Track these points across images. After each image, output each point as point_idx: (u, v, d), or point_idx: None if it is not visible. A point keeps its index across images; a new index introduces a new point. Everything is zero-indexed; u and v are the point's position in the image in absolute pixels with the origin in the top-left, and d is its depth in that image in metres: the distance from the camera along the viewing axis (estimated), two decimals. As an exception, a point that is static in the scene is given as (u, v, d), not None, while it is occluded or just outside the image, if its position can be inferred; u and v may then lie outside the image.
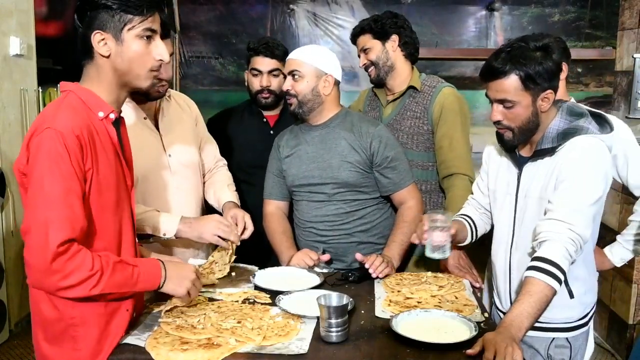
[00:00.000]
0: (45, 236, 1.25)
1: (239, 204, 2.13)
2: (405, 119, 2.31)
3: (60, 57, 3.95)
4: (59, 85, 3.65)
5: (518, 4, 4.72)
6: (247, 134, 2.55)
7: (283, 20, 4.93)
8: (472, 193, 2.04)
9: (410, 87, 2.32)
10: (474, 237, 2.00)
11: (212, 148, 2.27)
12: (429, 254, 1.81)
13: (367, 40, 2.34)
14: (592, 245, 1.77)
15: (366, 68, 2.37)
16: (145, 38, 1.41)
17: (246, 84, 2.57)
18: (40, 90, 3.64)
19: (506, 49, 1.62)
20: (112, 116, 1.42)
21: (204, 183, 2.21)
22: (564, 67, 1.84)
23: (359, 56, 2.40)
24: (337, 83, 2.11)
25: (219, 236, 1.92)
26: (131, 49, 1.40)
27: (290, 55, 2.12)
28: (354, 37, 2.39)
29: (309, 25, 4.91)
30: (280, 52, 2.45)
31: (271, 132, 2.54)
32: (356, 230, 2.13)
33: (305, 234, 2.17)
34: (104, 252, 1.37)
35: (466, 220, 1.99)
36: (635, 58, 3.60)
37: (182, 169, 2.06)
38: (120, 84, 1.43)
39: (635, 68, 3.58)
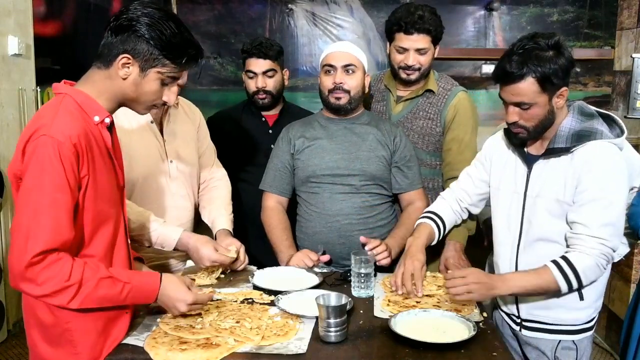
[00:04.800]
0: (24, 244, 1.24)
1: (231, 229, 2.10)
2: (418, 119, 2.28)
3: (59, 57, 3.95)
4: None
5: (517, 3, 4.73)
6: (246, 133, 2.55)
7: (282, 20, 4.93)
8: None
9: (427, 90, 2.29)
10: (441, 235, 1.99)
11: (210, 156, 2.26)
12: (355, 293, 1.80)
13: (426, 42, 2.19)
14: None
15: (405, 67, 2.22)
16: (165, 83, 1.42)
17: (243, 85, 2.57)
18: (39, 89, 3.64)
19: (517, 50, 1.59)
20: (107, 120, 1.41)
21: (199, 191, 2.21)
22: None
23: (399, 50, 2.21)
24: None
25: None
26: (148, 86, 1.40)
27: (340, 49, 2.11)
28: (414, 30, 2.16)
29: (308, 25, 4.92)
30: (274, 52, 2.44)
31: (270, 131, 2.54)
32: (377, 225, 2.13)
33: (326, 231, 2.10)
34: (95, 262, 1.35)
35: (434, 222, 1.97)
36: (633, 58, 3.61)
37: (180, 176, 2.06)
38: (121, 101, 1.43)
39: (633, 68, 3.59)
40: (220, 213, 2.13)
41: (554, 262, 1.60)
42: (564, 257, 1.60)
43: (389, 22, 2.24)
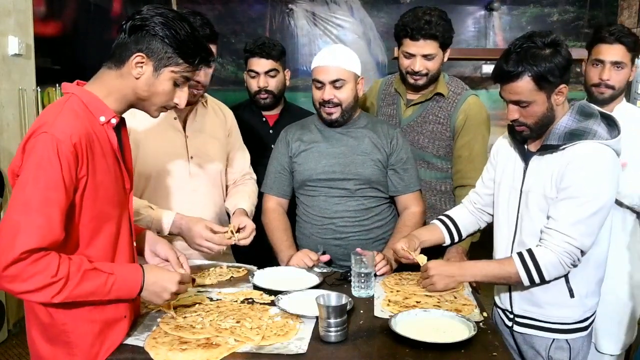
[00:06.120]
0: (12, 240, 1.21)
1: (250, 213, 2.10)
2: (428, 123, 2.27)
3: (59, 57, 3.95)
4: (60, 85, 3.67)
5: (517, 3, 4.73)
6: (247, 133, 2.55)
7: (282, 20, 4.93)
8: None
9: (436, 94, 2.27)
10: (456, 237, 2.01)
11: (242, 160, 2.25)
12: (355, 293, 1.80)
13: (433, 47, 2.15)
14: (605, 249, 1.75)
15: (412, 73, 2.20)
16: (177, 83, 1.43)
17: (245, 85, 2.57)
18: (39, 89, 3.64)
19: (515, 49, 1.62)
20: (114, 121, 1.41)
21: (226, 192, 2.20)
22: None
23: (406, 55, 2.19)
24: None
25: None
26: (161, 86, 1.40)
27: (328, 63, 2.04)
28: (420, 36, 2.12)
29: (308, 25, 4.92)
30: (276, 52, 2.45)
31: (270, 131, 2.54)
32: (374, 226, 2.14)
33: (322, 232, 2.12)
34: (79, 256, 1.33)
35: (442, 222, 2.01)
36: (634, 58, 3.60)
37: (201, 173, 2.06)
38: (131, 101, 1.43)
39: (634, 68, 3.58)
40: (243, 199, 2.12)
41: (519, 254, 1.67)
42: (529, 251, 1.66)
43: (397, 26, 2.22)
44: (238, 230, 1.94)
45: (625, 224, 2.18)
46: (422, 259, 1.83)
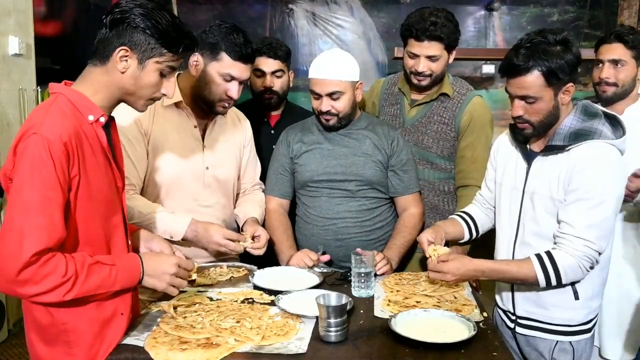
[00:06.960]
0: (19, 245, 1.21)
1: (262, 221, 2.12)
2: (432, 123, 2.27)
3: (59, 57, 3.96)
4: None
5: (517, 3, 4.73)
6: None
7: (282, 20, 4.93)
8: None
9: (441, 94, 2.28)
10: (474, 234, 2.01)
11: (254, 171, 2.26)
12: (355, 293, 1.79)
13: (438, 49, 2.15)
14: (609, 250, 1.74)
15: (416, 73, 2.21)
16: (164, 74, 1.42)
17: (248, 84, 2.56)
18: (39, 89, 3.64)
19: (525, 44, 1.61)
20: (102, 120, 1.40)
21: (236, 201, 2.21)
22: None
23: (411, 55, 2.20)
24: None
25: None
26: (148, 78, 1.40)
27: (324, 75, 2.02)
28: (424, 37, 2.13)
29: (308, 25, 4.92)
30: (283, 53, 2.45)
31: (272, 131, 2.54)
32: (375, 227, 2.15)
33: (323, 232, 2.12)
34: (80, 253, 1.33)
35: (462, 218, 2.01)
36: (633, 58, 3.59)
37: (215, 184, 2.06)
38: (119, 97, 1.43)
39: None
40: (253, 207, 2.14)
41: (537, 255, 1.64)
42: (547, 253, 1.63)
43: (403, 26, 2.22)
44: (253, 238, 1.96)
45: (633, 224, 2.18)
46: (443, 251, 1.78)
